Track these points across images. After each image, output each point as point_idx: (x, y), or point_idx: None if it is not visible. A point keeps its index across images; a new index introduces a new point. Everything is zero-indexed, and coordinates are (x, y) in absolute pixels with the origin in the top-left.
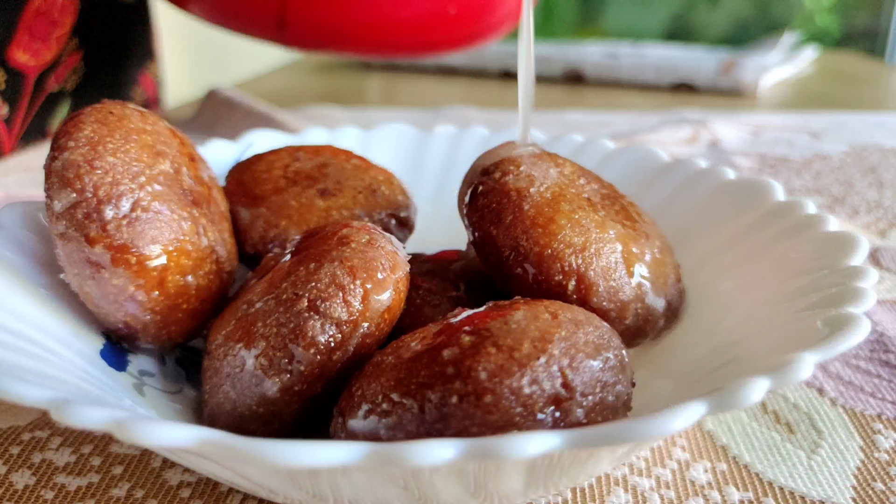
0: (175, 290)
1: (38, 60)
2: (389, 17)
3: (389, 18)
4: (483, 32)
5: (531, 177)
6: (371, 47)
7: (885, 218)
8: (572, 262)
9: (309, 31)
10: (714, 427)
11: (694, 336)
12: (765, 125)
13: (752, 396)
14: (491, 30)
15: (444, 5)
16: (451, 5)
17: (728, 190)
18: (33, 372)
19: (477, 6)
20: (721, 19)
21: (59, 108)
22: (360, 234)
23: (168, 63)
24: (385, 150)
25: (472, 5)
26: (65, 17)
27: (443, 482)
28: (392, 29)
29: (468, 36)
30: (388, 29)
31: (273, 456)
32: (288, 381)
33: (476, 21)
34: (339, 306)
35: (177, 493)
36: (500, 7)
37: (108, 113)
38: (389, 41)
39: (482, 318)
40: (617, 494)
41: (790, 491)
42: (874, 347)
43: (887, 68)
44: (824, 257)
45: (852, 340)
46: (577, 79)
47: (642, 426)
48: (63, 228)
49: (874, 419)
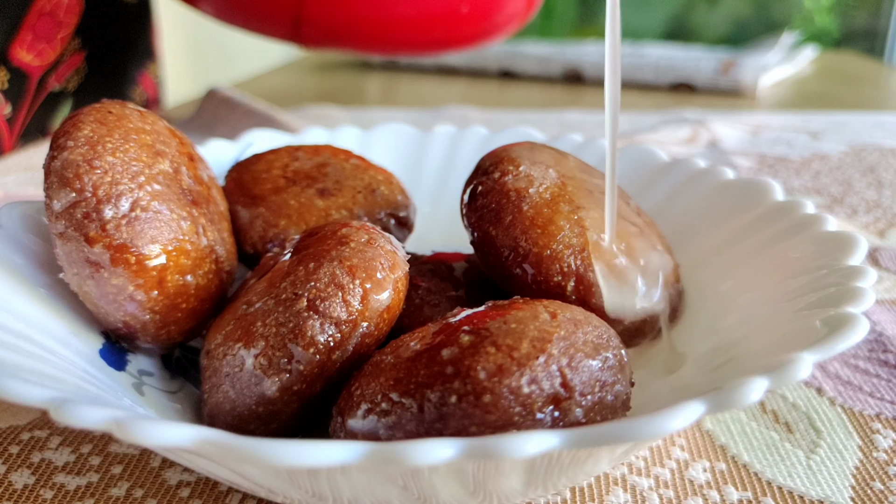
0: (174, 290)
1: (41, 60)
2: (403, 15)
3: (403, 16)
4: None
5: (530, 177)
6: (385, 45)
7: (883, 218)
8: (571, 262)
9: (324, 29)
10: (713, 426)
11: (693, 336)
12: (764, 125)
13: (751, 396)
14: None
15: (457, 4)
16: (464, 4)
17: (727, 190)
18: (33, 371)
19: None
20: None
21: (60, 107)
22: (359, 234)
23: (168, 63)
24: (384, 149)
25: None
26: (70, 17)
27: (442, 482)
28: (405, 27)
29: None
30: (402, 27)
31: (272, 456)
32: (287, 380)
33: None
34: (338, 306)
35: (176, 492)
36: (509, 6)
37: (108, 112)
38: (403, 39)
39: (481, 318)
40: (616, 494)
41: (789, 490)
42: (873, 347)
43: (886, 68)
44: (823, 257)
45: (851, 340)
46: (577, 79)
47: (641, 426)
48: (62, 228)
49: (873, 419)
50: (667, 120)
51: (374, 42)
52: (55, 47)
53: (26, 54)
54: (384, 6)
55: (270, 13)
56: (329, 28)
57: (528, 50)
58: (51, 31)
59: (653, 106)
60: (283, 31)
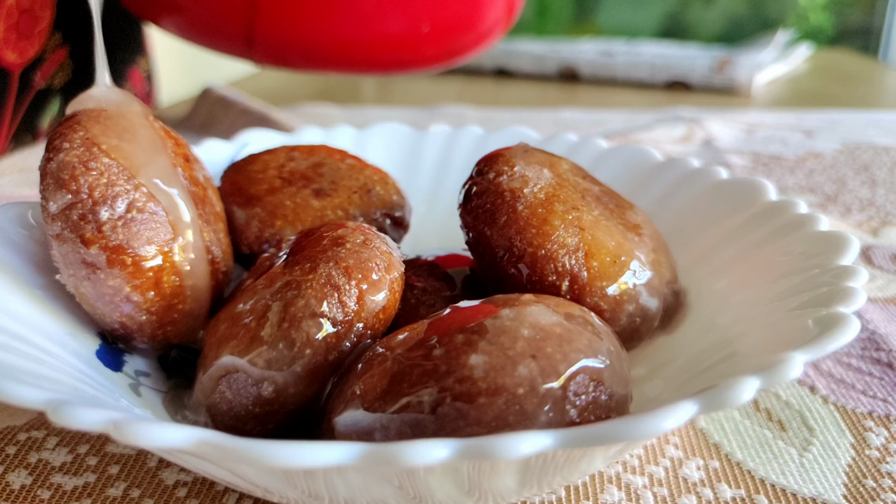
0: (170, 291)
1: (21, 57)
2: (359, 35)
3: (359, 37)
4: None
5: (525, 177)
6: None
7: (877, 216)
8: (566, 262)
9: (277, 48)
10: (707, 425)
11: (686, 335)
12: (758, 123)
13: (743, 395)
14: (467, 48)
15: (417, 24)
16: (424, 24)
17: (720, 189)
18: (30, 373)
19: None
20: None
21: (48, 105)
22: (355, 235)
23: (162, 61)
24: (380, 149)
25: (446, 25)
26: (44, 10)
27: (437, 481)
28: (362, 48)
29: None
30: (359, 48)
31: (269, 456)
32: (283, 381)
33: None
34: (334, 307)
35: (173, 492)
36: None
37: (103, 112)
38: (360, 60)
39: (475, 315)
40: (610, 492)
41: (782, 488)
42: (866, 345)
43: (881, 66)
44: (815, 257)
45: (842, 340)
46: (572, 77)
47: (634, 425)
48: (59, 230)
49: (865, 416)
50: (662, 118)
51: (329, 62)
52: (34, 43)
53: (10, 53)
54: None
55: (223, 32)
56: (282, 47)
57: (523, 48)
58: (28, 27)
59: (648, 104)
60: (238, 49)
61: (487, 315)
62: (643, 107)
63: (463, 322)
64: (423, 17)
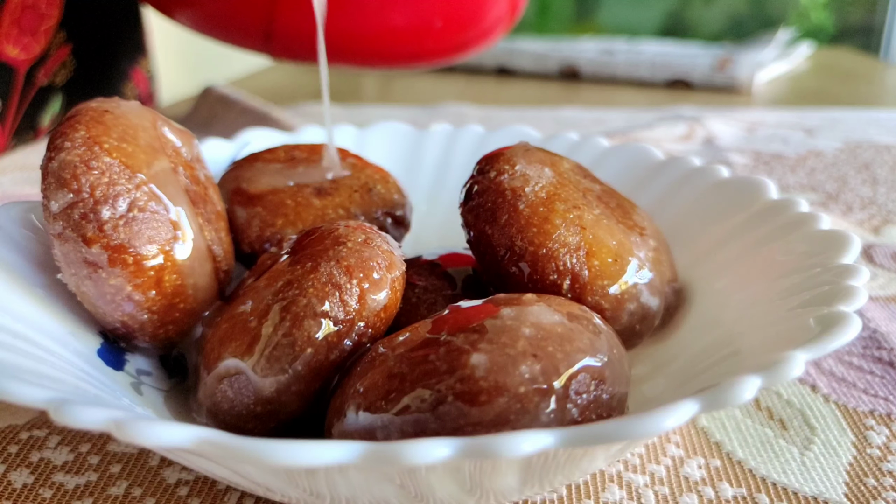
0: (172, 290)
1: (27, 54)
2: (376, 29)
3: (376, 31)
4: (470, 42)
5: (526, 176)
6: (357, 59)
7: (878, 215)
8: (567, 261)
9: (295, 42)
10: (708, 424)
11: (687, 334)
12: (759, 122)
13: (745, 394)
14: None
15: (431, 18)
16: (437, 18)
17: (721, 188)
18: (31, 372)
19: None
20: (716, 16)
21: (50, 103)
22: (356, 234)
23: (163, 60)
24: (381, 148)
25: (459, 18)
26: (52, 9)
27: (439, 480)
28: (379, 41)
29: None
30: (375, 41)
31: (270, 455)
32: (285, 380)
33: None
34: (335, 306)
35: (175, 491)
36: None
37: (105, 112)
38: (376, 53)
39: (476, 314)
40: (612, 491)
41: (783, 487)
42: (867, 344)
43: (882, 65)
44: (817, 255)
45: (843, 339)
46: (573, 75)
47: (635, 425)
48: (60, 229)
49: (867, 415)
50: (663, 117)
51: (346, 56)
52: (40, 40)
53: (11, 48)
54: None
55: (242, 26)
56: (300, 41)
57: (524, 47)
58: (34, 24)
59: (649, 103)
60: (256, 44)
61: (488, 314)
62: (644, 105)
63: (464, 321)
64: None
